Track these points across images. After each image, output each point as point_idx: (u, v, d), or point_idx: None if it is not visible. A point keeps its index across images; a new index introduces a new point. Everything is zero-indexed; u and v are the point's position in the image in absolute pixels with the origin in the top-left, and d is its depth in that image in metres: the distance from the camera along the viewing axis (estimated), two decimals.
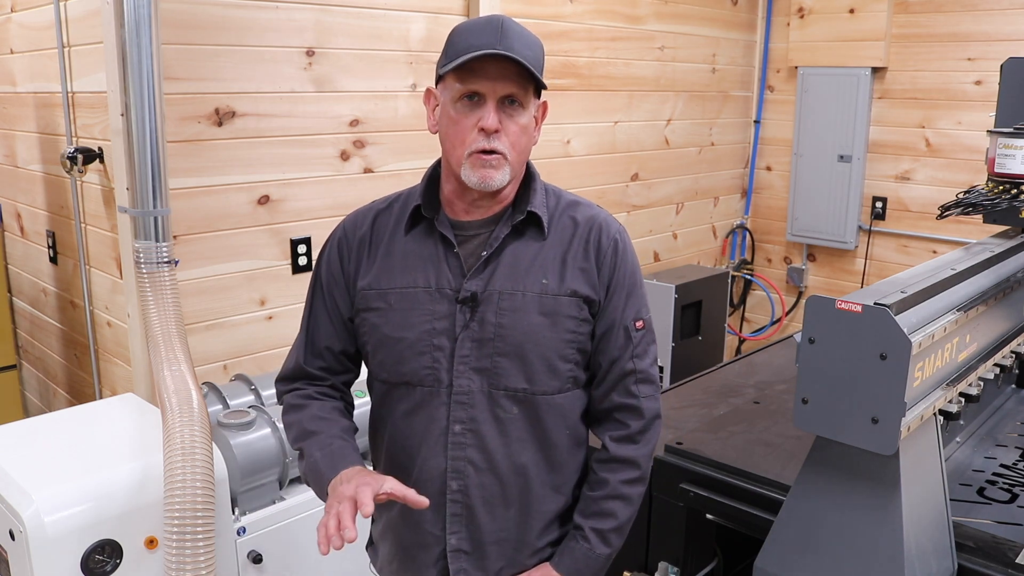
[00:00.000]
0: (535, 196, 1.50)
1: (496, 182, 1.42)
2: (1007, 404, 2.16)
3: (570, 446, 1.54)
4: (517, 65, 1.37)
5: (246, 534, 2.21)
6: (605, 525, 1.52)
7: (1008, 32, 3.93)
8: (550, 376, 1.48)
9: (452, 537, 1.52)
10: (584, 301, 1.48)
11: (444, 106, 1.44)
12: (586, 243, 1.50)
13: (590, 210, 1.55)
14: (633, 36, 4.01)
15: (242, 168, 2.69)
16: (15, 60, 3.05)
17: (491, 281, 1.46)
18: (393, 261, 1.51)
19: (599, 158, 3.97)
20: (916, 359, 1.29)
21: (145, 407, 2.39)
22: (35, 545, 1.85)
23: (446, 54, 1.42)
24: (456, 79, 1.40)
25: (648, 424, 1.54)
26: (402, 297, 1.49)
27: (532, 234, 1.49)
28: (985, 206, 1.96)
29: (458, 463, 1.49)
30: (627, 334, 1.51)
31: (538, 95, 1.47)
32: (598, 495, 1.53)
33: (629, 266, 1.53)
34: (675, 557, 1.88)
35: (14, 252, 3.40)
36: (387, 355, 1.51)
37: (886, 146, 4.42)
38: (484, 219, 1.50)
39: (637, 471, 1.53)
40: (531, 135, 1.47)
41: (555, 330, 1.46)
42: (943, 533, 1.48)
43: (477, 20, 1.44)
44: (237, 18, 2.62)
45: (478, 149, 1.40)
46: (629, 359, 1.51)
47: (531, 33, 1.43)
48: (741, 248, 5.02)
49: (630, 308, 1.52)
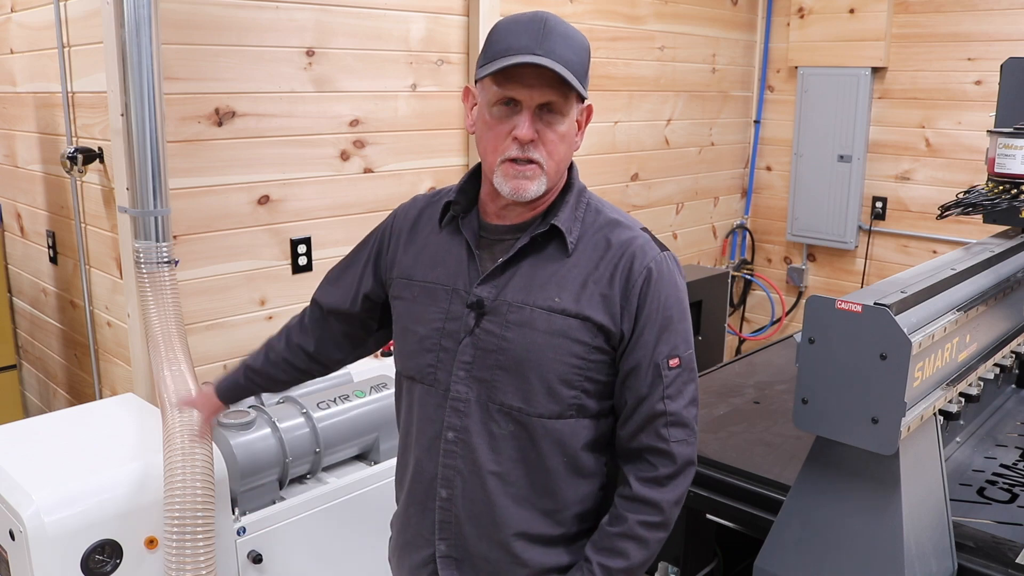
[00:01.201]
0: (565, 209, 1.42)
1: (530, 193, 1.36)
2: (1007, 404, 2.16)
3: (568, 475, 1.44)
4: (557, 71, 1.29)
5: (246, 534, 2.21)
6: (614, 564, 1.41)
7: (1008, 32, 3.93)
8: (548, 399, 1.39)
9: (441, 544, 1.49)
10: (598, 328, 1.38)
11: (481, 108, 1.38)
12: (614, 269, 1.39)
13: (629, 232, 1.43)
14: (633, 36, 4.01)
15: (242, 168, 2.69)
16: (15, 60, 3.05)
17: (504, 291, 1.41)
18: (425, 255, 1.50)
19: (599, 158, 3.97)
20: (916, 359, 1.29)
21: (145, 407, 2.39)
22: (35, 545, 1.85)
23: (485, 53, 1.35)
24: (493, 82, 1.33)
25: (679, 471, 1.41)
26: (424, 291, 1.48)
27: (555, 248, 1.41)
28: (985, 206, 1.96)
29: (448, 471, 1.45)
30: (657, 372, 1.38)
31: (582, 99, 1.38)
32: (613, 531, 1.42)
33: (663, 298, 1.39)
34: (675, 557, 1.88)
35: (14, 252, 3.40)
36: (403, 346, 1.52)
37: (886, 146, 4.42)
38: (512, 225, 1.44)
39: (659, 516, 1.40)
40: (571, 142, 1.40)
41: (559, 352, 1.38)
42: (943, 533, 1.48)
43: (520, 18, 1.35)
44: (237, 18, 2.61)
45: (511, 157, 1.34)
46: (660, 400, 1.38)
47: (577, 33, 1.35)
48: (741, 248, 5.02)
49: (663, 344, 1.38)
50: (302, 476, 2.43)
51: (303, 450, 2.36)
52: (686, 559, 1.87)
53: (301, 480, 2.43)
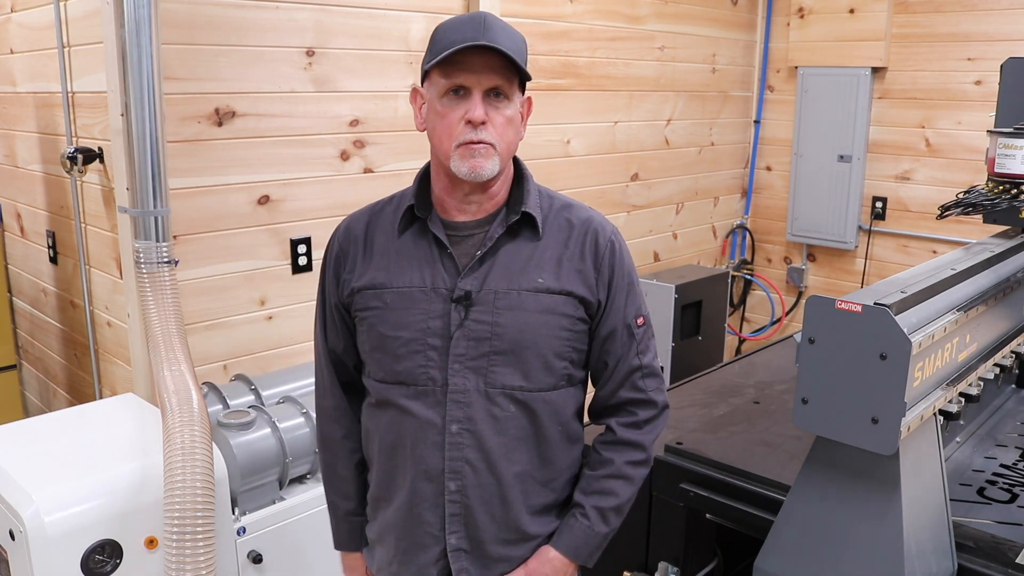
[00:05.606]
0: (529, 197, 1.52)
1: (486, 171, 1.42)
2: (1007, 404, 2.16)
3: (563, 442, 1.56)
4: (501, 57, 1.38)
5: (246, 534, 2.21)
6: (606, 503, 1.54)
7: (1008, 32, 3.93)
8: (546, 373, 1.49)
9: (452, 537, 1.52)
10: (579, 301, 1.49)
11: (431, 102, 1.46)
12: (582, 245, 1.51)
13: (584, 212, 1.57)
14: (633, 36, 4.01)
15: (242, 168, 2.69)
16: (15, 60, 3.05)
17: (486, 280, 1.47)
18: (389, 262, 1.52)
19: (599, 158, 3.97)
20: (916, 359, 1.29)
21: (145, 407, 2.39)
22: (35, 545, 1.85)
23: (430, 51, 1.43)
24: (441, 74, 1.41)
25: (658, 414, 1.58)
26: (399, 296, 1.50)
27: (527, 234, 1.51)
28: (985, 206, 1.96)
29: (456, 463, 1.49)
30: (630, 332, 1.54)
31: (523, 89, 1.47)
32: (601, 474, 1.55)
33: (626, 266, 1.55)
34: (675, 557, 1.88)
35: (14, 252, 3.40)
36: (383, 354, 1.52)
37: (886, 146, 4.42)
38: (478, 219, 1.51)
39: (642, 453, 1.56)
40: (518, 128, 1.48)
41: (551, 328, 1.48)
42: (943, 533, 1.48)
43: (460, 17, 1.44)
44: (237, 18, 2.62)
45: (465, 140, 1.41)
46: (635, 356, 1.55)
47: (514, 28, 1.44)
48: (741, 248, 5.02)
49: (631, 306, 1.55)
50: (302, 476, 2.43)
51: (303, 450, 2.36)
52: (686, 559, 1.87)
53: (301, 480, 2.43)
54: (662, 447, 1.88)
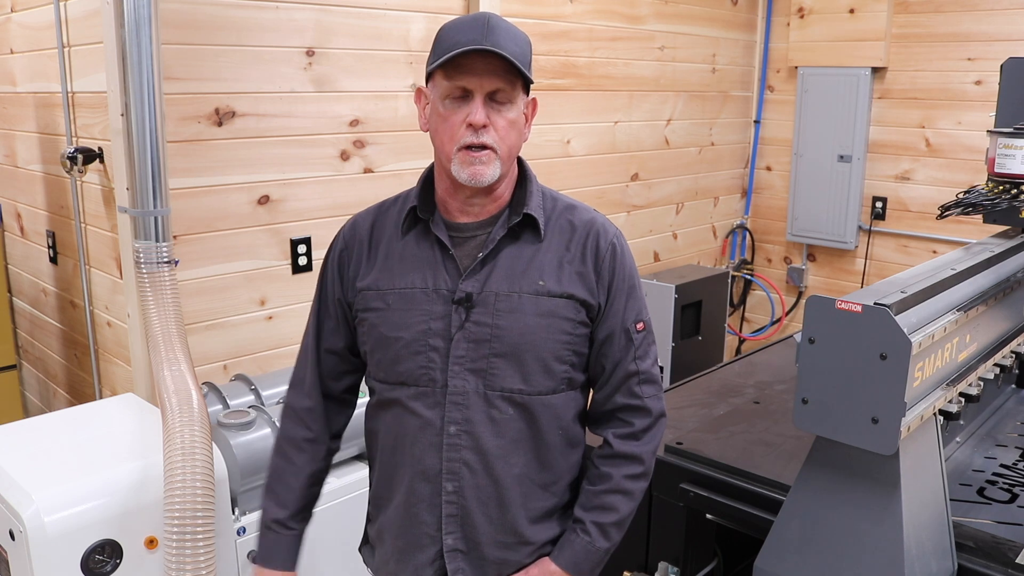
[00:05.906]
0: (531, 199, 1.51)
1: (487, 177, 1.42)
2: (1007, 404, 2.16)
3: (563, 446, 1.55)
4: (504, 60, 1.37)
5: (246, 534, 2.21)
6: (606, 519, 1.52)
7: (1008, 32, 3.94)
8: (545, 377, 1.48)
9: (448, 537, 1.52)
10: (581, 304, 1.48)
11: (434, 104, 1.45)
12: (583, 247, 1.50)
13: (587, 214, 1.55)
14: (633, 36, 4.01)
15: (242, 168, 2.69)
16: (15, 60, 3.05)
17: (488, 283, 1.47)
18: (392, 263, 1.52)
19: (599, 158, 3.97)
20: (916, 359, 1.29)
21: (145, 407, 2.39)
22: (35, 545, 1.85)
23: (434, 52, 1.43)
24: (444, 76, 1.41)
25: (653, 423, 1.55)
26: (400, 298, 1.50)
27: (528, 236, 1.50)
28: (985, 206, 1.96)
29: (453, 464, 1.49)
30: (628, 336, 1.52)
31: (527, 91, 1.47)
32: (600, 489, 1.53)
33: (627, 269, 1.53)
34: (675, 557, 1.88)
35: (14, 252, 3.40)
36: (384, 355, 1.52)
37: (886, 146, 4.42)
38: (480, 221, 1.50)
39: (640, 466, 1.54)
40: (520, 130, 1.47)
41: (551, 331, 1.47)
42: (943, 533, 1.48)
43: (464, 17, 1.44)
44: (237, 18, 2.61)
45: (466, 144, 1.40)
46: (632, 361, 1.52)
47: (518, 29, 1.43)
48: (741, 248, 5.02)
49: (630, 311, 1.53)
50: None
51: None
52: (686, 559, 1.87)
53: None
54: (662, 447, 1.88)
